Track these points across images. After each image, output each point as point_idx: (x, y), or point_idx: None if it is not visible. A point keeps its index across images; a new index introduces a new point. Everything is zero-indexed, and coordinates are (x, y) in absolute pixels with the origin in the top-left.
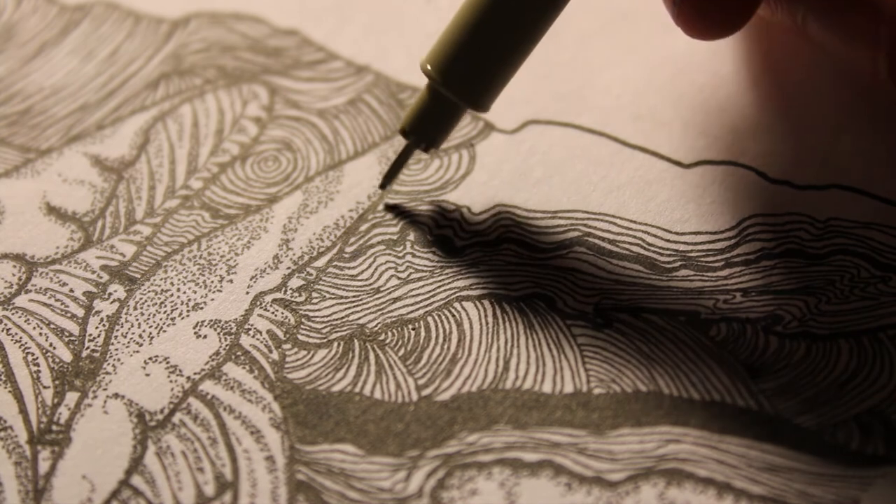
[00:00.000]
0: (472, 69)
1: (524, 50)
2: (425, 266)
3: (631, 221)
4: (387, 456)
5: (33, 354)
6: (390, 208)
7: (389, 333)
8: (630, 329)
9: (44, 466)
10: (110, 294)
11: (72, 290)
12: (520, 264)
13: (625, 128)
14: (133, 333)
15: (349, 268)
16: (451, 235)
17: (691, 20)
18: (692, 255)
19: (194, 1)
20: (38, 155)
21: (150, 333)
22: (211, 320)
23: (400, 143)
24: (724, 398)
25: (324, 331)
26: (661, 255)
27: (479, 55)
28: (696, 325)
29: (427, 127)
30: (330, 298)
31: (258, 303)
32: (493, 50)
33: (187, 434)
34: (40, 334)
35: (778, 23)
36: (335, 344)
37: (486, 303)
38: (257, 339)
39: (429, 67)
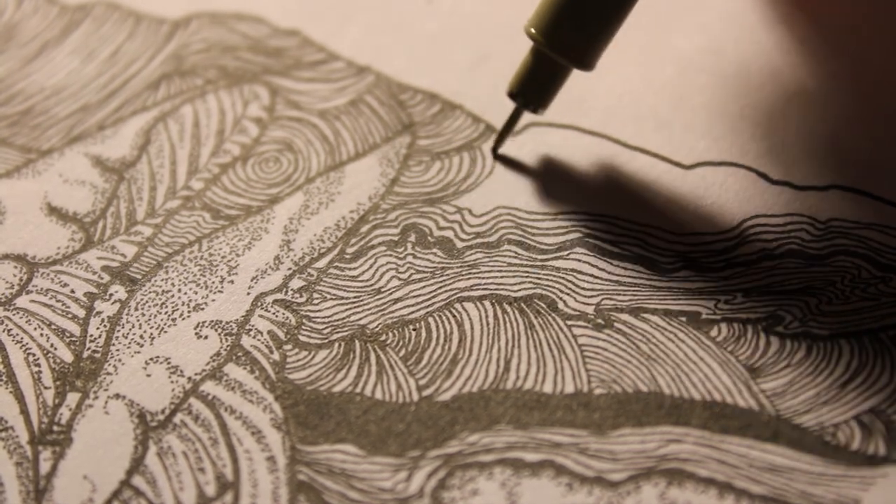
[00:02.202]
0: (575, 29)
1: (626, 6)
2: (426, 267)
3: (632, 223)
4: (388, 456)
5: (34, 355)
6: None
7: (390, 334)
8: (631, 329)
9: (45, 467)
10: (111, 295)
11: (73, 291)
12: (521, 265)
13: (625, 129)
14: (134, 334)
15: (350, 269)
16: (452, 236)
17: None
18: (693, 255)
19: (195, 1)
20: (40, 155)
21: (151, 334)
22: (212, 321)
23: (503, 106)
24: (724, 398)
25: (325, 331)
26: (662, 255)
27: (582, 15)
28: (697, 325)
29: (534, 89)
30: (331, 299)
31: (259, 303)
32: (595, 8)
33: (188, 434)
34: (41, 335)
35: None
36: (336, 344)
37: (487, 303)
38: (258, 340)
39: (533, 31)
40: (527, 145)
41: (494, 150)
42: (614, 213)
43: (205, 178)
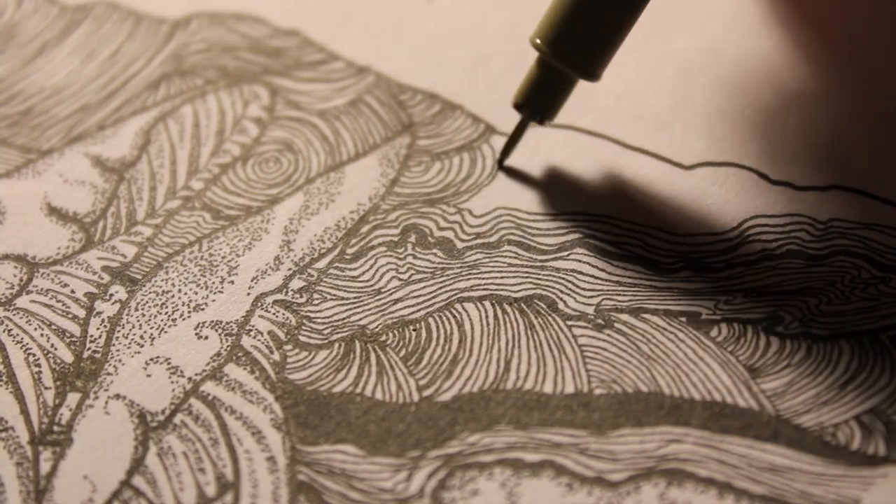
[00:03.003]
0: (580, 40)
1: (631, 17)
2: (426, 267)
3: (632, 223)
4: (388, 456)
5: (34, 355)
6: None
7: (390, 334)
8: (631, 330)
9: (45, 467)
10: (111, 295)
11: (73, 291)
12: (521, 266)
13: (626, 129)
14: (134, 334)
15: (350, 269)
16: (453, 237)
17: None
18: (693, 256)
19: (195, 1)
20: (40, 155)
21: (152, 334)
22: (212, 321)
23: (509, 116)
24: (724, 398)
25: (325, 332)
26: (662, 256)
27: (587, 25)
28: (697, 325)
29: (540, 99)
30: (331, 299)
31: (259, 304)
32: (601, 19)
33: (188, 435)
34: (42, 335)
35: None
36: (336, 345)
37: (487, 304)
38: (258, 340)
39: (538, 41)
40: (527, 146)
41: (500, 161)
42: (614, 213)
43: (205, 179)
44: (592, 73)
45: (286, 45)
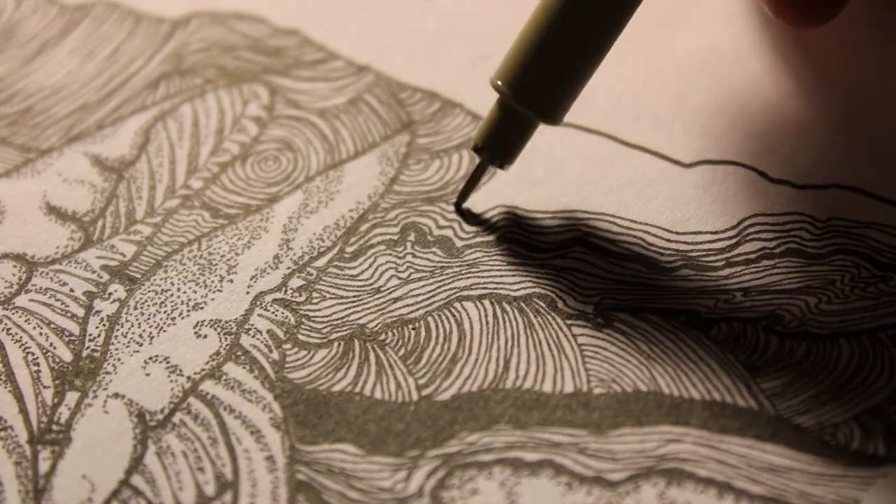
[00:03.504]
0: (543, 83)
1: (594, 61)
2: (426, 266)
3: (631, 221)
4: (387, 456)
5: (33, 354)
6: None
7: (390, 333)
8: (630, 329)
9: (44, 466)
10: (110, 294)
11: (72, 290)
12: (520, 264)
13: (625, 127)
14: (133, 333)
15: (349, 268)
16: (452, 235)
17: (787, 13)
18: (692, 254)
19: (195, 1)
20: (39, 155)
21: (151, 333)
22: (211, 320)
23: (470, 160)
24: (724, 398)
25: (324, 331)
26: (662, 254)
27: (550, 69)
28: (697, 324)
29: (500, 142)
30: (330, 298)
31: (258, 302)
32: (564, 63)
33: (187, 434)
34: (40, 334)
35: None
36: (335, 344)
37: (487, 303)
38: (257, 339)
39: (499, 83)
40: (527, 144)
41: (458, 204)
42: (614, 211)
43: (204, 177)
44: (553, 117)
45: (286, 45)
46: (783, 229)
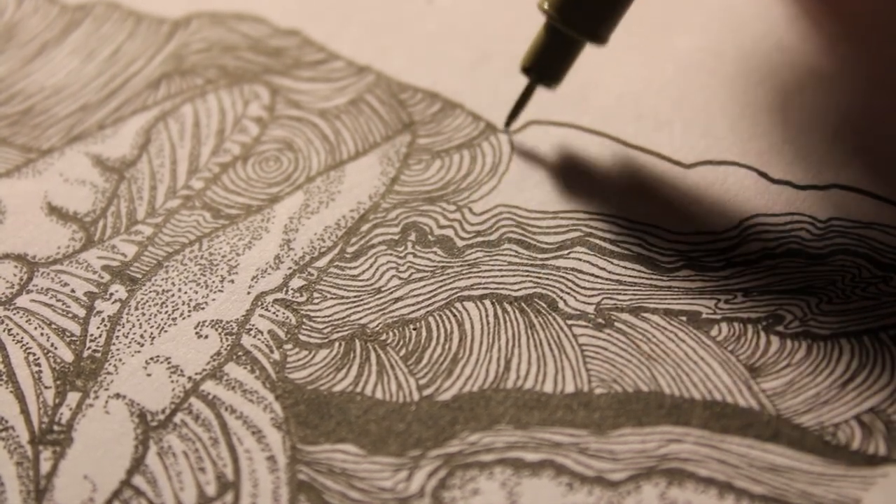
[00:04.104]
0: (587, 3)
1: None
2: (426, 266)
3: (632, 222)
4: (388, 456)
5: (35, 354)
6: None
7: (391, 333)
8: (631, 329)
9: (45, 466)
10: (111, 294)
11: (73, 291)
12: (521, 264)
13: (626, 128)
14: (134, 333)
15: (350, 268)
16: (453, 235)
17: None
18: (693, 254)
19: (195, 1)
20: (40, 155)
21: (152, 333)
22: (212, 320)
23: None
24: (725, 398)
25: (325, 331)
26: (663, 255)
27: None
28: (698, 324)
29: (547, 63)
30: (331, 298)
31: (259, 303)
32: None
33: (189, 434)
34: (42, 334)
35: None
36: (336, 344)
37: (488, 303)
38: (259, 339)
39: (545, 6)
40: (527, 144)
41: (507, 124)
42: (614, 211)
43: (205, 178)
44: (600, 37)
45: (286, 45)
46: (784, 229)
